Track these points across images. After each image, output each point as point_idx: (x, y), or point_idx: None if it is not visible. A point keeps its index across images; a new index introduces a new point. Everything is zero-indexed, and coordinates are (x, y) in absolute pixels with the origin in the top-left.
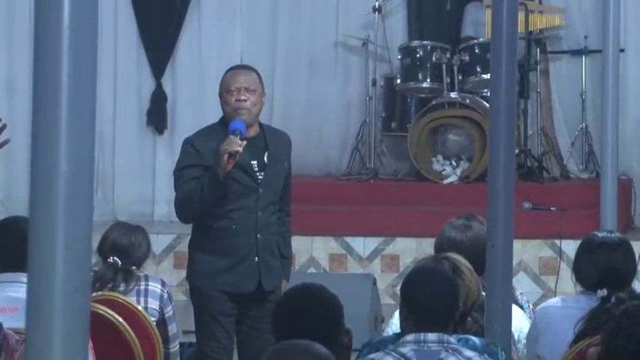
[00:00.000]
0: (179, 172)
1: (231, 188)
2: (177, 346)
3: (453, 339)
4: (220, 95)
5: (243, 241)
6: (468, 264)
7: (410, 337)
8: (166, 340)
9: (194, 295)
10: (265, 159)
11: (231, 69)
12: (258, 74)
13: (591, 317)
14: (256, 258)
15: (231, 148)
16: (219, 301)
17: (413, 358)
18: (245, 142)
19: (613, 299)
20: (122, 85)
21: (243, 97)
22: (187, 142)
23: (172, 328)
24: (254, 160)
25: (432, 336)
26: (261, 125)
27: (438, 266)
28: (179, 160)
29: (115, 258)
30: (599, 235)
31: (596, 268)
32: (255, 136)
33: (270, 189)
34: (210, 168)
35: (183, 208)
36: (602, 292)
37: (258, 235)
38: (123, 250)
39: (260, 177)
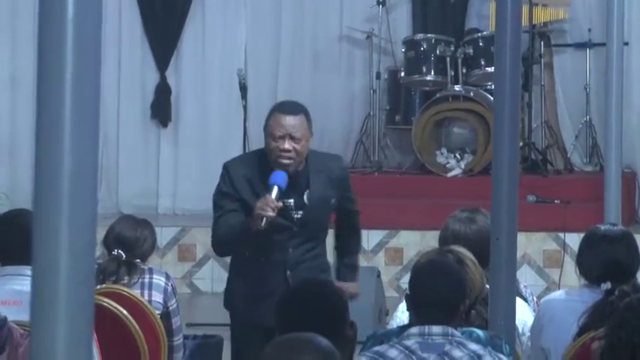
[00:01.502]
0: (215, 198)
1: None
2: (182, 339)
3: (457, 332)
4: (264, 132)
5: (272, 275)
6: (472, 257)
7: (414, 329)
8: (170, 332)
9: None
10: (305, 199)
11: (279, 108)
12: (306, 115)
13: (595, 311)
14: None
15: (264, 212)
16: (247, 332)
17: (417, 350)
18: (281, 204)
19: (616, 292)
20: (126, 79)
21: (287, 147)
22: (224, 168)
23: (176, 321)
24: (291, 197)
25: (436, 329)
26: (307, 159)
27: (445, 259)
28: (217, 185)
29: (119, 251)
30: (602, 228)
31: (599, 261)
32: (296, 174)
33: (306, 228)
34: (243, 200)
35: (221, 249)
36: (606, 286)
37: (288, 272)
38: (128, 243)
39: (297, 216)
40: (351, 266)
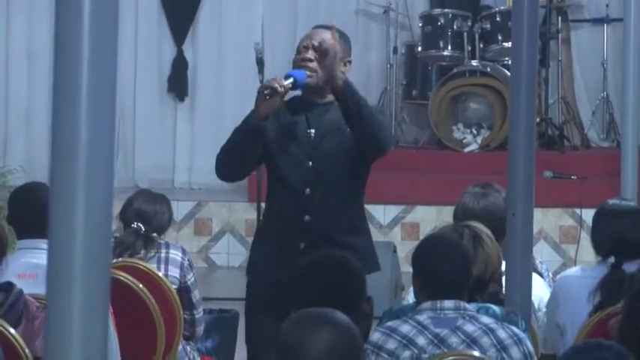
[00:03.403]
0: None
1: (278, 160)
2: (202, 312)
3: (469, 306)
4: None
5: (290, 223)
6: (489, 232)
7: (426, 304)
8: (191, 306)
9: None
10: (324, 127)
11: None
12: (342, 35)
13: (602, 286)
14: (302, 244)
15: (269, 83)
16: (259, 292)
17: (430, 325)
18: (290, 86)
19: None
20: (143, 52)
21: (308, 56)
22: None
23: (196, 295)
24: (313, 128)
25: (448, 303)
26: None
27: (447, 234)
28: None
29: (138, 224)
30: (610, 202)
31: (607, 235)
32: (322, 104)
33: (322, 162)
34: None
35: (222, 159)
36: (611, 260)
37: (307, 217)
38: (146, 217)
39: (311, 148)
40: None
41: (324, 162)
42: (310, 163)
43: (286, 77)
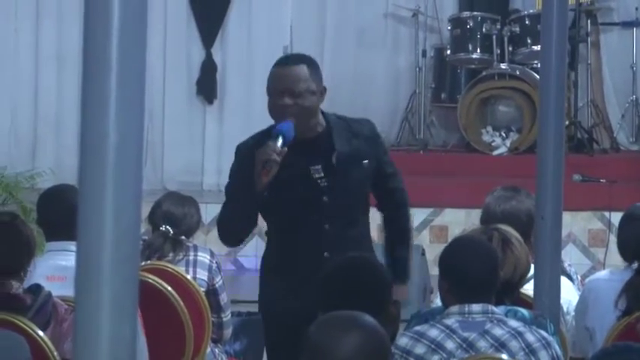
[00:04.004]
0: (226, 187)
1: (290, 198)
2: (230, 315)
3: (497, 309)
4: (267, 94)
5: (307, 260)
6: (518, 236)
7: (454, 308)
8: (219, 309)
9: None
10: (333, 160)
11: (277, 62)
12: (310, 65)
13: (627, 290)
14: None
15: (264, 157)
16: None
17: (458, 329)
18: (286, 150)
19: None
20: (172, 55)
21: (287, 102)
22: (236, 150)
23: (223, 297)
24: (316, 164)
25: (476, 307)
26: (327, 120)
27: (475, 236)
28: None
29: (167, 227)
30: (638, 206)
31: (633, 239)
32: (316, 137)
33: (339, 197)
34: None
35: (222, 227)
36: (634, 265)
37: (326, 254)
38: (175, 220)
39: (324, 183)
40: (399, 262)
41: (339, 195)
42: (325, 198)
43: (275, 136)
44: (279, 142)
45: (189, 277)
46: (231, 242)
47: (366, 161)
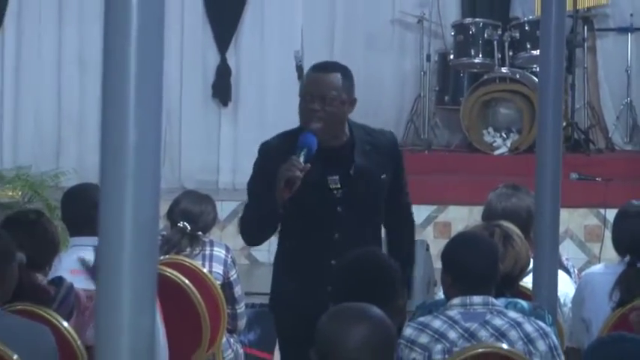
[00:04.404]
0: (248, 185)
1: (304, 205)
2: (244, 307)
3: (497, 301)
4: (299, 96)
5: (316, 266)
6: (518, 232)
7: (456, 300)
8: (233, 301)
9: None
10: (352, 172)
11: (313, 67)
12: (344, 75)
13: (620, 283)
14: (329, 287)
15: (288, 174)
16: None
17: (460, 320)
18: (309, 166)
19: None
20: (188, 60)
21: (315, 107)
22: (259, 148)
23: (238, 290)
24: (334, 174)
25: (477, 299)
26: (351, 130)
27: (476, 232)
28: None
29: (184, 223)
30: (634, 203)
31: (625, 235)
32: (339, 147)
33: (353, 209)
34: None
35: (244, 230)
36: (626, 258)
37: (333, 262)
38: (191, 217)
39: (339, 195)
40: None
41: (354, 207)
42: (339, 208)
43: (299, 149)
44: (302, 157)
45: (205, 270)
46: (253, 244)
47: (384, 175)
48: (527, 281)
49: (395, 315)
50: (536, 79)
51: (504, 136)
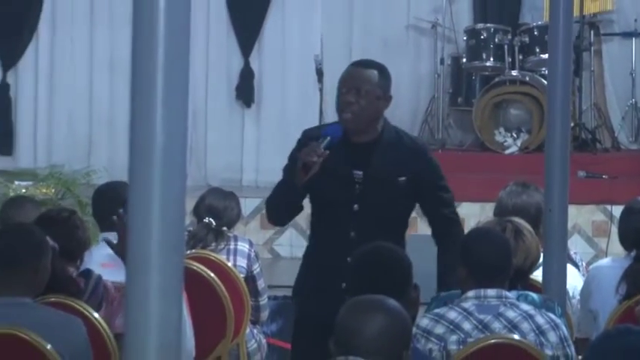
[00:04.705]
0: (284, 167)
1: (323, 202)
2: (267, 299)
3: (510, 294)
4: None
5: (333, 262)
6: (529, 227)
7: (471, 293)
8: (256, 293)
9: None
10: (370, 170)
11: (353, 62)
12: (381, 72)
13: (626, 277)
14: (343, 284)
15: (306, 157)
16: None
17: (474, 312)
18: (327, 152)
19: None
20: (214, 64)
21: (349, 99)
22: (301, 135)
23: (261, 283)
24: (358, 169)
25: (491, 291)
26: (383, 129)
27: (491, 228)
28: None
29: (210, 219)
30: (637, 200)
31: (632, 230)
32: (368, 143)
33: (369, 208)
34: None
35: (267, 208)
36: (633, 253)
37: (349, 259)
38: (217, 213)
39: (358, 191)
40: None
41: (370, 206)
42: (356, 206)
43: (323, 136)
44: (324, 144)
45: (229, 264)
46: (274, 222)
47: (403, 178)
48: (538, 275)
49: (409, 307)
50: (545, 82)
51: (515, 136)
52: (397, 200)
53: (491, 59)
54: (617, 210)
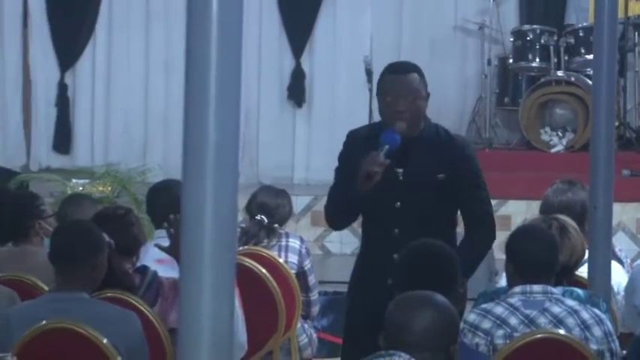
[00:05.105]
0: (335, 168)
1: (367, 200)
2: (317, 295)
3: (555, 290)
4: (377, 96)
5: (378, 258)
6: (574, 225)
7: (517, 288)
8: (307, 289)
9: None
10: (410, 167)
11: (389, 68)
12: (419, 73)
13: None
14: (389, 281)
15: (368, 168)
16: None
17: (521, 307)
18: (388, 162)
19: None
20: (266, 65)
21: (400, 109)
22: (347, 136)
23: (312, 279)
24: (400, 167)
25: (537, 287)
26: (425, 127)
27: (539, 225)
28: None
29: (262, 216)
30: None
31: None
32: (408, 141)
33: (411, 204)
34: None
35: (330, 217)
36: None
37: (395, 256)
38: (268, 210)
39: (399, 189)
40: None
41: (411, 204)
42: (398, 204)
43: (382, 145)
44: (383, 153)
45: (281, 260)
46: (335, 227)
47: (442, 176)
48: (583, 271)
49: (456, 302)
50: (590, 82)
51: (560, 135)
52: (438, 197)
53: (537, 60)
54: None
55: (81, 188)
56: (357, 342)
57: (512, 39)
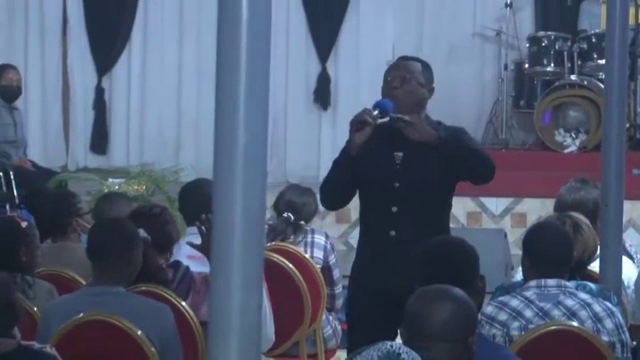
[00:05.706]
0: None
1: (365, 181)
2: (341, 288)
3: (569, 283)
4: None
5: (377, 236)
6: (587, 222)
7: (532, 282)
8: (332, 282)
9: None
10: (411, 151)
11: (397, 58)
12: (423, 65)
13: None
14: (389, 258)
15: (358, 117)
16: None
17: (535, 300)
18: (382, 119)
19: None
20: (293, 70)
21: (395, 84)
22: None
23: (336, 273)
24: (399, 151)
25: (551, 281)
26: (426, 118)
27: (554, 222)
28: None
29: (289, 213)
30: None
31: None
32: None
33: (408, 183)
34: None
35: (322, 191)
36: None
37: (392, 232)
38: (295, 207)
39: (399, 169)
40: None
41: (410, 184)
42: (396, 184)
43: (374, 107)
44: (376, 111)
45: (307, 256)
46: (328, 204)
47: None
48: (595, 266)
49: (474, 295)
50: (602, 86)
51: (574, 136)
52: (435, 177)
53: (552, 65)
54: None
55: (117, 187)
56: (363, 320)
57: (527, 45)
